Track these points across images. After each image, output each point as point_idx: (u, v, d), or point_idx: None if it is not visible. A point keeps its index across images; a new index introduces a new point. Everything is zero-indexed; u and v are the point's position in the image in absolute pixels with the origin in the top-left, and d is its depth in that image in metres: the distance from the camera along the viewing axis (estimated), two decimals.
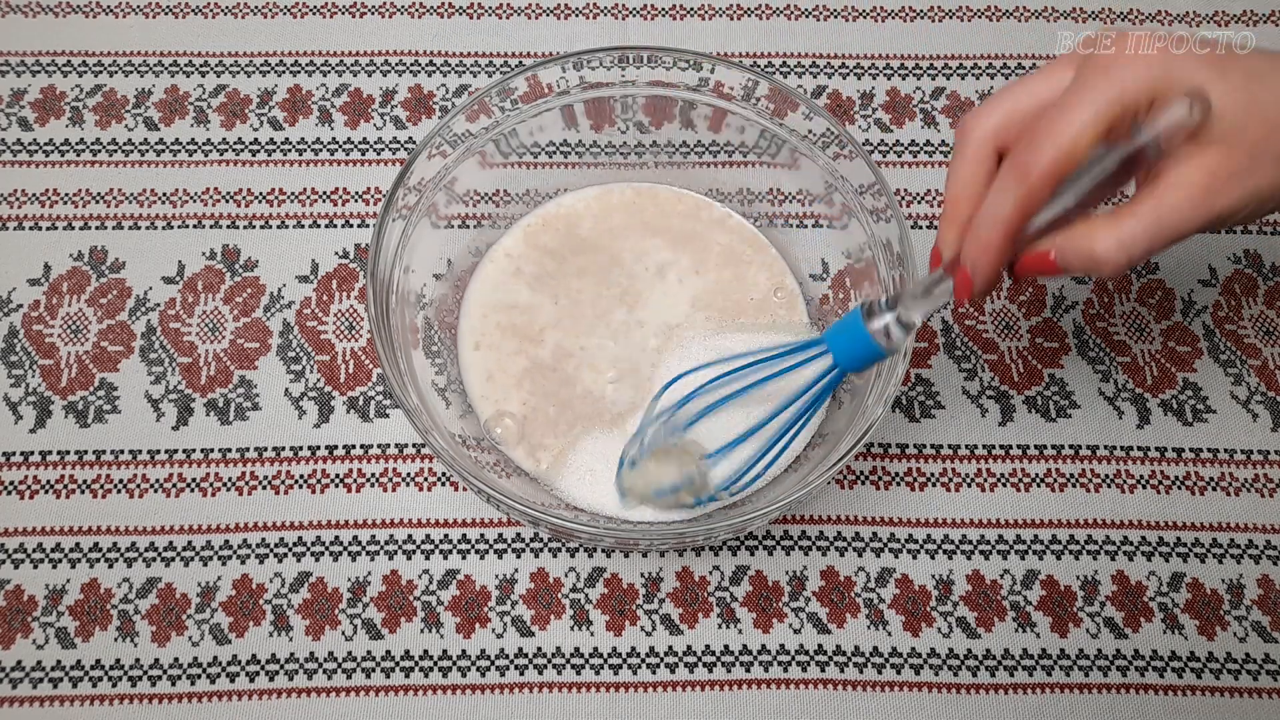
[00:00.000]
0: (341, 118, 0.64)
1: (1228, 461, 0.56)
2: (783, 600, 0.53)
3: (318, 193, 0.62)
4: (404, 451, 0.56)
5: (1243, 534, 0.55)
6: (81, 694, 0.51)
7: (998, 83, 0.65)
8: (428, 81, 0.65)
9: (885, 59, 0.66)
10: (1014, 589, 0.53)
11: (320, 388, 0.57)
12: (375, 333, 0.47)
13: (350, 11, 0.67)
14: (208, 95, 0.64)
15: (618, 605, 0.53)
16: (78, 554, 0.53)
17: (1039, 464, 0.56)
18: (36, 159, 0.62)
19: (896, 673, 0.52)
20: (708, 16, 0.67)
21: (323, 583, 0.53)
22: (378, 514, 0.54)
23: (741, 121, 0.55)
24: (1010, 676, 0.52)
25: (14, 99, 0.64)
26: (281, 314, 0.59)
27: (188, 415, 0.56)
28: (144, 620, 0.52)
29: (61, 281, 0.59)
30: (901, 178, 0.63)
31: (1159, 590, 0.54)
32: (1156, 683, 0.52)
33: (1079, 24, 0.67)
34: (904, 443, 0.56)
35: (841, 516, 0.55)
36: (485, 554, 0.54)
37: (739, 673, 0.52)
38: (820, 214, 0.56)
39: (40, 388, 0.57)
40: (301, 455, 0.55)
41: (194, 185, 0.62)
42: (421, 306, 0.54)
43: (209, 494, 0.54)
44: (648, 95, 0.56)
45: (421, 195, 0.52)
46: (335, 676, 0.51)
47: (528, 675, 0.51)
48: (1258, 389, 0.58)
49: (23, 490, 0.54)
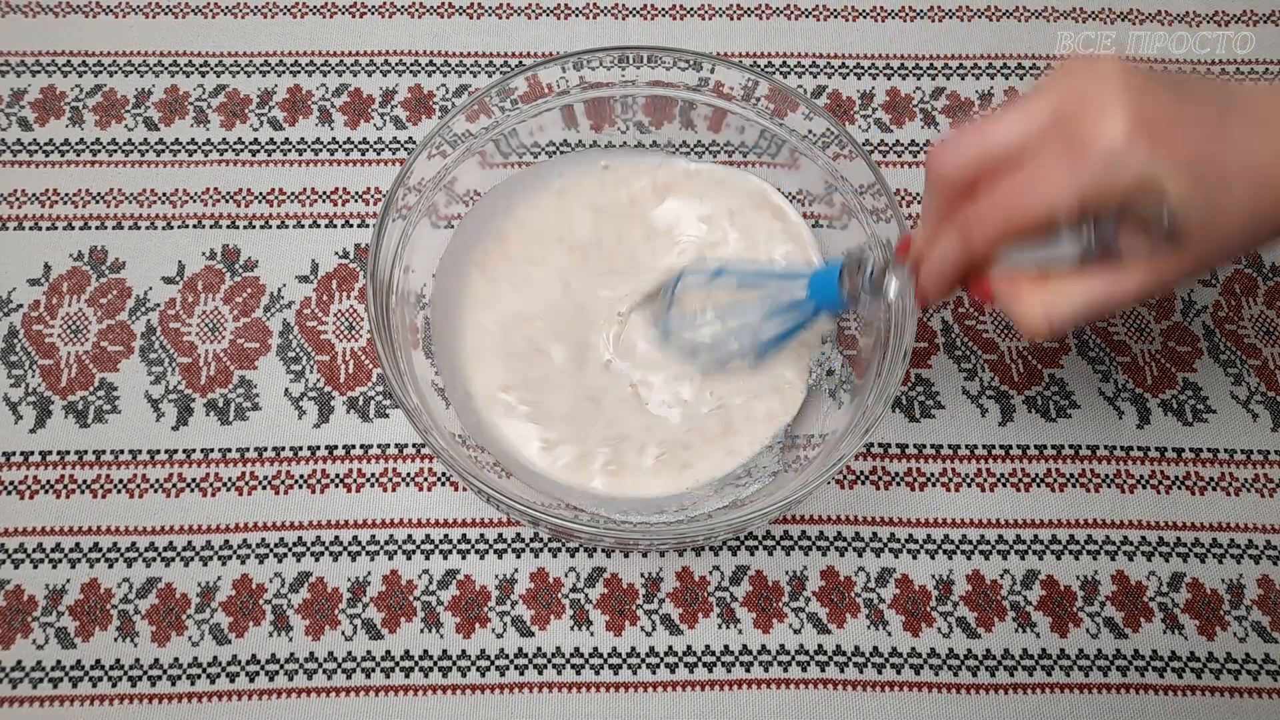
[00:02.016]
0: (341, 118, 0.64)
1: (1228, 461, 0.56)
2: (783, 600, 0.53)
3: (318, 193, 0.62)
4: (404, 451, 0.56)
5: (1243, 534, 0.55)
6: (81, 694, 0.51)
7: (998, 83, 0.65)
8: (428, 81, 0.65)
9: (885, 59, 0.66)
10: (1014, 589, 0.53)
11: (320, 388, 0.57)
12: (375, 333, 0.47)
13: (350, 11, 0.67)
14: (208, 95, 0.64)
15: (618, 605, 0.53)
16: (78, 554, 0.53)
17: (1039, 464, 0.56)
18: (36, 159, 0.62)
19: (896, 673, 0.52)
20: (708, 16, 0.67)
21: (323, 583, 0.53)
22: (378, 514, 0.54)
23: (741, 121, 0.55)
24: (1010, 676, 0.52)
25: (14, 99, 0.64)
26: (281, 314, 0.59)
27: (188, 415, 0.56)
28: (144, 620, 0.52)
29: (61, 281, 0.59)
30: (901, 178, 0.63)
31: (1159, 590, 0.54)
32: (1156, 683, 0.52)
33: (1079, 24, 0.67)
34: (904, 443, 0.56)
35: (841, 516, 0.55)
36: (485, 554, 0.54)
37: (739, 673, 0.52)
38: (820, 214, 0.56)
39: (40, 388, 0.57)
40: (301, 455, 0.55)
41: (194, 185, 0.62)
42: (421, 306, 0.54)
43: (209, 494, 0.54)
44: (648, 95, 0.56)
45: (421, 195, 0.52)
46: (335, 676, 0.51)
47: (528, 675, 0.51)
48: (1258, 389, 0.58)
49: (23, 490, 0.54)
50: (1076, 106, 0.34)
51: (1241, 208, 0.34)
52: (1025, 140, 0.35)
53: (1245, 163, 0.33)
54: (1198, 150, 0.33)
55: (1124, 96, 0.33)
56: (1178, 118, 0.33)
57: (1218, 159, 0.33)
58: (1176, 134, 0.33)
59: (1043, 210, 0.34)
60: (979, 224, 0.35)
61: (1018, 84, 0.65)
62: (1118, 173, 0.33)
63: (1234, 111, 0.34)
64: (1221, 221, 0.34)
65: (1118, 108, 0.33)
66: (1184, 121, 0.33)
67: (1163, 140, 0.32)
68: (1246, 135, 0.34)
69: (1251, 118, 0.34)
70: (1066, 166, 0.33)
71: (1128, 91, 0.33)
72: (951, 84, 0.65)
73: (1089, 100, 0.33)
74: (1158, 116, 0.33)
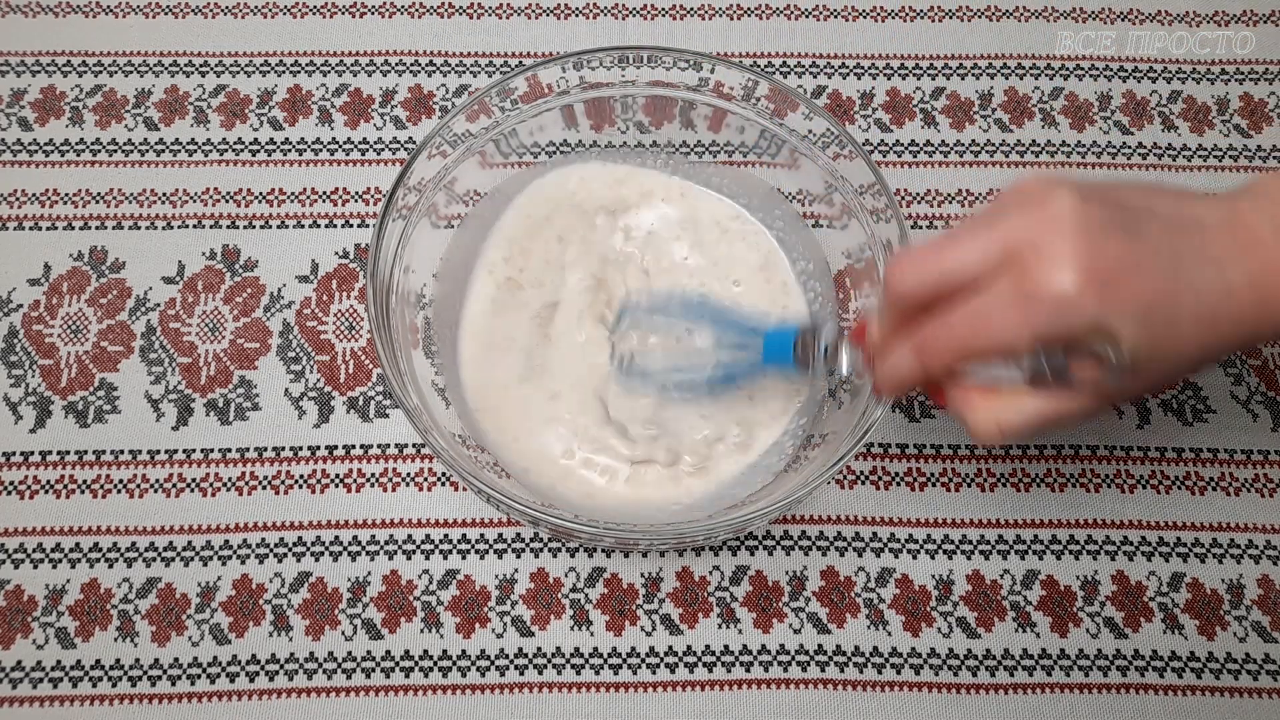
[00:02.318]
0: (341, 118, 0.64)
1: (1228, 461, 0.56)
2: (783, 600, 0.53)
3: (318, 193, 0.62)
4: (404, 451, 0.56)
5: (1243, 534, 0.55)
6: (81, 694, 0.51)
7: (998, 83, 0.65)
8: (428, 81, 0.65)
9: (885, 59, 0.66)
10: (1014, 589, 0.53)
11: (320, 388, 0.57)
12: (375, 333, 0.47)
13: (350, 11, 0.67)
14: (208, 95, 0.64)
15: (618, 605, 0.53)
16: (78, 554, 0.53)
17: (1039, 464, 0.56)
18: (36, 159, 0.62)
19: (896, 673, 0.52)
20: (708, 16, 0.67)
21: (323, 583, 0.53)
22: (378, 514, 0.54)
23: (741, 121, 0.55)
24: (1010, 676, 0.52)
25: (14, 99, 0.63)
26: (281, 314, 0.59)
27: (188, 415, 0.56)
28: (144, 620, 0.52)
29: (61, 281, 0.59)
30: (901, 178, 0.63)
31: (1159, 590, 0.54)
32: (1156, 683, 0.52)
33: (1079, 24, 0.67)
34: (904, 443, 0.56)
35: (841, 516, 0.55)
36: (485, 554, 0.54)
37: (739, 673, 0.52)
38: (820, 214, 0.56)
39: (40, 388, 0.57)
40: (301, 455, 0.55)
41: (194, 185, 0.62)
42: (421, 306, 0.54)
43: (209, 494, 0.54)
44: (648, 95, 0.56)
45: (421, 195, 0.52)
46: (335, 676, 0.51)
47: (528, 675, 0.51)
48: (1258, 389, 0.58)
49: (23, 490, 0.54)
50: (1028, 249, 0.34)
51: (1190, 343, 0.35)
52: (980, 270, 0.36)
53: (1195, 302, 0.34)
54: (1149, 294, 0.34)
55: (1075, 244, 0.33)
56: (1131, 263, 0.34)
57: (1168, 301, 0.34)
58: (1128, 281, 0.34)
59: (996, 347, 0.35)
60: (934, 349, 0.37)
61: (1018, 84, 0.65)
62: (1069, 320, 0.34)
63: (1187, 242, 0.35)
64: (1171, 356, 0.35)
65: (1068, 258, 0.33)
66: (1136, 267, 0.34)
67: (1113, 289, 0.33)
68: (1197, 272, 0.35)
69: (1202, 252, 0.35)
70: (1019, 310, 0.34)
71: (1079, 237, 0.34)
72: (951, 84, 0.65)
73: (1040, 245, 0.34)
74: (1109, 265, 0.33)
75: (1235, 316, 0.35)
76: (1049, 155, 0.63)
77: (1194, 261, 0.35)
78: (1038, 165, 0.63)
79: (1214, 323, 0.35)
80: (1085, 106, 0.65)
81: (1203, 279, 0.34)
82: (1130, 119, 0.65)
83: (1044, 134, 0.64)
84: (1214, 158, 0.64)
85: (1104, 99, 0.65)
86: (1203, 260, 0.35)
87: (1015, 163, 0.63)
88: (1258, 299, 0.35)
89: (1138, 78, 0.66)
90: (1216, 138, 0.64)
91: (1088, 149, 0.64)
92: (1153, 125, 0.64)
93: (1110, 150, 0.64)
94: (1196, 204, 0.36)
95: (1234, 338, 0.36)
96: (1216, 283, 0.35)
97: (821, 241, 0.56)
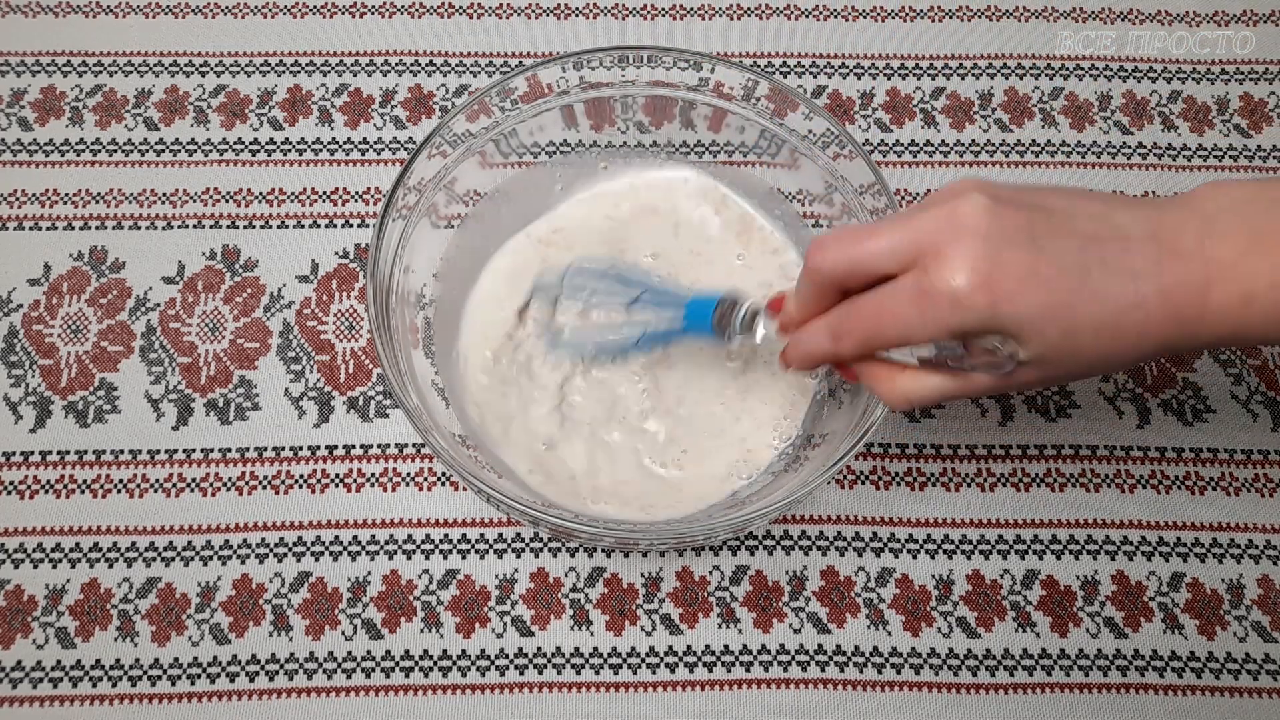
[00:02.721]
0: (341, 118, 0.64)
1: (1228, 461, 0.56)
2: (783, 600, 0.53)
3: (318, 193, 0.62)
4: (404, 451, 0.56)
5: (1243, 534, 0.55)
6: (81, 694, 0.51)
7: (998, 83, 0.65)
8: (428, 81, 0.65)
9: (885, 59, 0.66)
10: (1014, 589, 0.53)
11: (320, 388, 0.57)
12: (375, 333, 0.47)
13: (350, 11, 0.67)
14: (208, 95, 0.64)
15: (618, 605, 0.53)
16: (78, 554, 0.53)
17: (1039, 464, 0.56)
18: (36, 159, 0.62)
19: (896, 673, 0.52)
20: (708, 16, 0.67)
21: (323, 583, 0.53)
22: (378, 514, 0.54)
23: (741, 121, 0.55)
24: (1010, 676, 0.52)
25: (14, 99, 0.64)
26: (281, 314, 0.59)
27: (188, 415, 0.56)
28: (144, 620, 0.52)
29: (61, 281, 0.59)
30: (901, 178, 0.63)
31: (1159, 590, 0.54)
32: (1156, 683, 0.52)
33: (1079, 24, 0.67)
34: (904, 443, 0.56)
35: (841, 516, 0.55)
36: (485, 554, 0.54)
37: (739, 673, 0.52)
38: (820, 214, 0.56)
39: (40, 388, 0.57)
40: (301, 455, 0.55)
41: (194, 185, 0.62)
42: (421, 306, 0.54)
43: (209, 494, 0.54)
44: (648, 95, 0.56)
45: (421, 195, 0.52)
46: (335, 676, 0.51)
47: (528, 675, 0.51)
48: (1258, 389, 0.58)
49: (23, 490, 0.54)
50: (931, 250, 0.36)
51: (1089, 350, 0.36)
52: (890, 263, 0.37)
53: (1097, 312, 0.35)
54: (1047, 301, 0.35)
55: (972, 250, 0.35)
56: (1028, 272, 0.35)
57: (1067, 310, 0.35)
58: (1021, 288, 0.35)
59: (897, 339, 0.38)
60: (843, 330, 0.39)
61: (1018, 84, 0.65)
62: (961, 319, 0.35)
63: (1101, 252, 0.35)
64: (1068, 361, 0.37)
65: (965, 264, 0.35)
66: (1033, 275, 0.35)
67: (1006, 296, 0.35)
68: (1105, 283, 0.35)
69: (1118, 262, 0.35)
70: (916, 306, 0.36)
71: (978, 243, 0.35)
72: (951, 84, 0.65)
73: (941, 247, 0.36)
74: (1005, 274, 0.35)
75: (1142, 328, 0.35)
76: (1049, 155, 0.63)
77: (1104, 272, 0.35)
78: (1037, 165, 0.63)
79: (1117, 332, 0.36)
80: (1085, 106, 0.65)
81: (1110, 289, 0.35)
82: (1130, 119, 0.65)
83: (1044, 134, 0.64)
84: (1214, 158, 0.64)
85: (1104, 99, 0.65)
86: (1116, 271, 0.35)
87: (1015, 163, 0.63)
88: (1169, 312, 0.35)
89: (1138, 78, 0.66)
90: (1216, 138, 0.64)
91: (1088, 149, 0.64)
92: (1153, 125, 0.64)
93: (1110, 150, 0.64)
94: (1125, 212, 0.37)
95: (1143, 348, 0.36)
96: (1126, 293, 0.35)
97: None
